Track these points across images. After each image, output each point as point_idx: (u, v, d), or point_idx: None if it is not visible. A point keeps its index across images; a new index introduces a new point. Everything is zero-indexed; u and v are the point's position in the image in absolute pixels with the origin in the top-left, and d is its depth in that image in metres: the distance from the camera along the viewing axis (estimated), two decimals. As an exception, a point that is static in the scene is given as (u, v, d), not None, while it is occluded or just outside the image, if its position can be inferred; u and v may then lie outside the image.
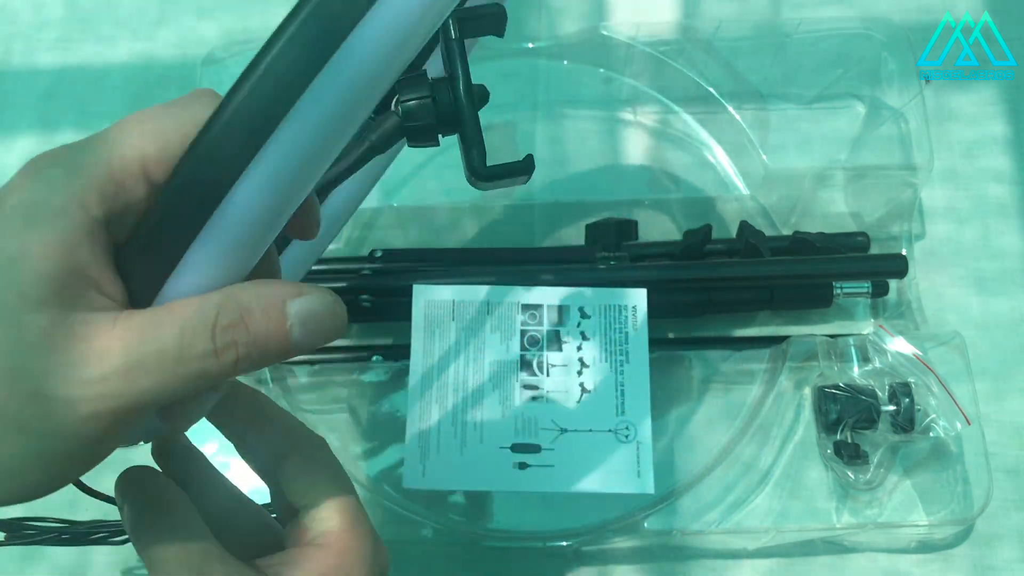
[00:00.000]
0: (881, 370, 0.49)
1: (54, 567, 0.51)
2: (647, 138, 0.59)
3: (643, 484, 0.45)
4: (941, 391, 0.48)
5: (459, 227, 0.57)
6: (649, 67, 0.58)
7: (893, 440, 0.48)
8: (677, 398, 0.52)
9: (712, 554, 0.50)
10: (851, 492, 0.49)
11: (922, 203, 0.57)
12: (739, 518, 0.48)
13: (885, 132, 0.55)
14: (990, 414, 0.52)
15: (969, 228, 0.56)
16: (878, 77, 0.56)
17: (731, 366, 0.53)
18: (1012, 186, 0.57)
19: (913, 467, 0.49)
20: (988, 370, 0.52)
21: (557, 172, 0.58)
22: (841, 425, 0.48)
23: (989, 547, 0.50)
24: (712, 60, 0.57)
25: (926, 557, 0.50)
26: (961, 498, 0.48)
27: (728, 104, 0.57)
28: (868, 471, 0.48)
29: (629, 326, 0.48)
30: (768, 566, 0.49)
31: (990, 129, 0.58)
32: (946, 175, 0.57)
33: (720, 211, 0.57)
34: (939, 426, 0.47)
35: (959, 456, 0.49)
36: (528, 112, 0.59)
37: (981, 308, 0.54)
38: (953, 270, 0.55)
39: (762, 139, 0.56)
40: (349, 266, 0.54)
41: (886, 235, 0.55)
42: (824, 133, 0.57)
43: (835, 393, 0.49)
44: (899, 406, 0.48)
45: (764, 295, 0.53)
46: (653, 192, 0.57)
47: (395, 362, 0.52)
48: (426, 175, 0.57)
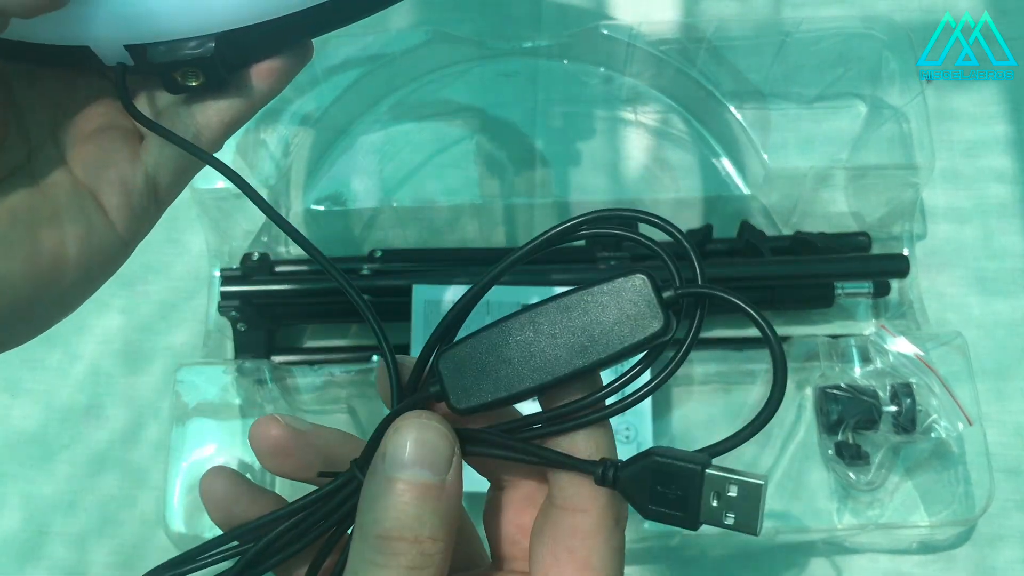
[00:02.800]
0: (882, 370, 0.49)
1: (53, 567, 0.51)
2: (647, 138, 0.59)
3: (644, 485, 0.45)
4: (943, 391, 0.48)
5: (459, 227, 0.57)
6: (649, 66, 0.58)
7: (894, 441, 0.48)
8: (677, 398, 0.52)
9: (713, 555, 0.50)
10: (852, 493, 0.49)
11: (923, 203, 0.56)
12: (740, 519, 0.48)
13: (886, 132, 0.55)
14: (992, 414, 0.51)
15: (970, 228, 0.56)
16: (879, 76, 0.56)
17: (732, 366, 0.53)
18: (1013, 186, 0.57)
19: (915, 468, 0.49)
20: (990, 370, 0.52)
21: (557, 172, 0.58)
22: (842, 426, 0.48)
23: (991, 548, 0.49)
24: (713, 59, 0.57)
25: (928, 558, 0.49)
26: (963, 499, 0.48)
27: (729, 103, 0.56)
28: (869, 472, 0.48)
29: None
30: (769, 567, 0.49)
31: (991, 129, 0.58)
32: (947, 175, 0.57)
33: (721, 211, 0.57)
34: (941, 427, 0.47)
35: (961, 457, 0.49)
36: (528, 112, 0.59)
37: (983, 308, 0.54)
38: (955, 270, 0.55)
39: (763, 139, 0.55)
40: (349, 266, 0.54)
41: (887, 235, 0.55)
42: (825, 133, 0.57)
43: (836, 394, 0.48)
44: (900, 407, 0.47)
45: (765, 295, 0.53)
46: (653, 192, 0.57)
47: (395, 362, 0.52)
48: (426, 175, 0.57)
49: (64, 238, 0.25)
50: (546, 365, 0.21)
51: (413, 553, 0.20)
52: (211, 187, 0.53)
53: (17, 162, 0.26)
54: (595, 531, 0.21)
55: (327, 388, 0.52)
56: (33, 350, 0.55)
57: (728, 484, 0.19)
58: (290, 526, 0.23)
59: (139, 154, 0.27)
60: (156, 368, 0.55)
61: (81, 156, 0.27)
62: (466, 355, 0.21)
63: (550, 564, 0.21)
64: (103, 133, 0.27)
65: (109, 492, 0.52)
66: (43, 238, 0.25)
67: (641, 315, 0.20)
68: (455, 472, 0.21)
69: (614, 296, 0.21)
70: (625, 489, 0.21)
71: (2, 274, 0.23)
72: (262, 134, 0.56)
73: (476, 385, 0.21)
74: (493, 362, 0.21)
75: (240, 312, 0.52)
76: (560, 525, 0.21)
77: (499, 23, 0.61)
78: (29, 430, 0.54)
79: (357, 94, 0.57)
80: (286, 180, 0.56)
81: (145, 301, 0.56)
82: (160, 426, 0.53)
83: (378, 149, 0.57)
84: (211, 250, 0.55)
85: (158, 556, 0.51)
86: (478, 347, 0.21)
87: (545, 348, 0.21)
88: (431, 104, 0.59)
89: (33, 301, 0.25)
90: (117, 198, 0.27)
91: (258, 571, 0.23)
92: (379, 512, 0.20)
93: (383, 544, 0.20)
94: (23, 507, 0.52)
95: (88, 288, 0.27)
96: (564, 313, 0.21)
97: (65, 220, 0.25)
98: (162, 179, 0.28)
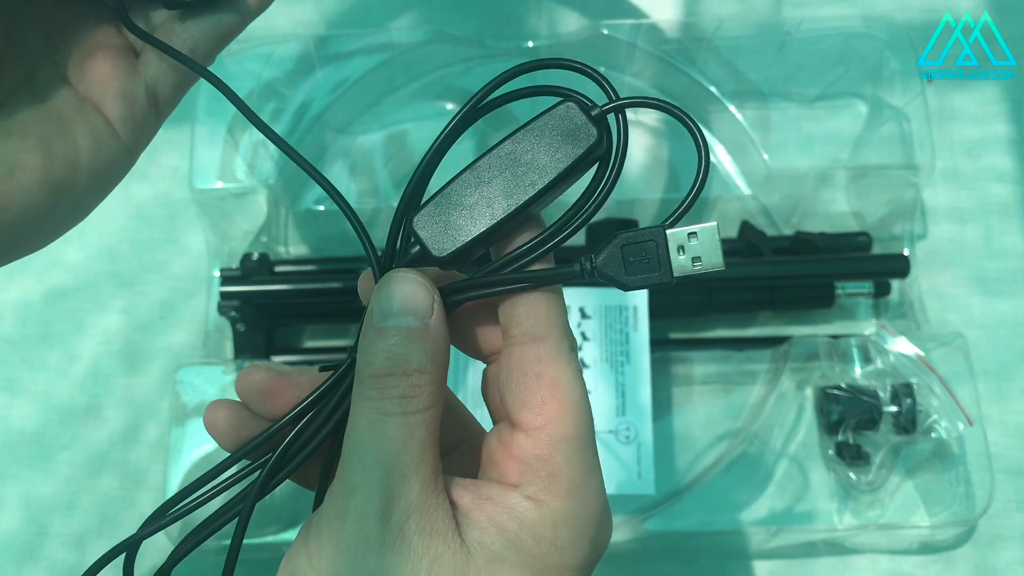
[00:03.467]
0: (883, 371, 0.49)
1: (52, 567, 0.51)
2: (647, 138, 0.59)
3: (644, 485, 0.45)
4: (943, 392, 0.48)
5: (459, 227, 0.56)
6: (650, 66, 0.58)
7: (895, 441, 0.48)
8: (678, 399, 0.52)
9: (713, 555, 0.50)
10: (853, 493, 0.49)
11: (924, 203, 0.56)
12: (740, 519, 0.48)
13: (887, 131, 0.55)
14: (992, 415, 0.51)
15: (971, 228, 0.56)
16: (880, 76, 0.56)
17: (732, 367, 0.53)
18: (1014, 186, 0.57)
19: (915, 468, 0.49)
20: (990, 371, 0.52)
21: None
22: (843, 426, 0.48)
23: (991, 548, 0.49)
24: (713, 59, 0.57)
25: (928, 558, 0.49)
26: (963, 499, 0.48)
27: (729, 103, 0.56)
28: (870, 472, 0.48)
29: (630, 326, 0.48)
30: (769, 567, 0.49)
31: (992, 129, 0.58)
32: (948, 175, 0.57)
33: (721, 211, 0.56)
34: (941, 427, 0.47)
35: (961, 457, 0.48)
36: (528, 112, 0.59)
37: (983, 308, 0.54)
38: (955, 270, 0.55)
39: (763, 138, 0.55)
40: (348, 266, 0.54)
41: (888, 235, 0.55)
42: (826, 132, 0.57)
43: (837, 394, 0.48)
44: (901, 407, 0.47)
45: (765, 295, 0.53)
46: (653, 192, 0.57)
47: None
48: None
49: (76, 148, 0.27)
50: (507, 199, 0.23)
51: (403, 385, 0.22)
52: (211, 187, 0.53)
53: (16, 81, 0.27)
54: (556, 355, 0.23)
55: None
56: (33, 350, 0.55)
57: (687, 235, 0.22)
58: (303, 427, 0.24)
59: (138, 69, 0.29)
60: (155, 368, 0.55)
61: (81, 73, 0.28)
62: (433, 213, 0.24)
63: (521, 393, 0.23)
64: (101, 51, 0.29)
65: (108, 492, 0.52)
66: (56, 149, 0.26)
67: (577, 135, 0.24)
68: (437, 317, 0.23)
69: (549, 127, 0.24)
70: (604, 272, 0.23)
71: (20, 183, 0.25)
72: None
73: (448, 234, 0.24)
74: (458, 212, 0.24)
75: (239, 312, 0.52)
76: (524, 358, 0.23)
77: (499, 23, 0.61)
78: (28, 430, 0.53)
79: (357, 94, 0.57)
80: (286, 180, 0.56)
81: (144, 301, 0.56)
82: (159, 426, 0.53)
83: (378, 149, 0.57)
84: (210, 250, 0.55)
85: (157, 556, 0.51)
86: (441, 204, 0.24)
87: (501, 187, 0.23)
88: (431, 104, 0.59)
89: (49, 209, 0.26)
90: (120, 110, 0.28)
91: (279, 479, 0.24)
92: (371, 356, 0.22)
93: (376, 381, 0.22)
94: (22, 507, 0.52)
95: (98, 196, 0.29)
96: (510, 154, 0.24)
97: (75, 132, 0.27)
98: (161, 92, 0.30)
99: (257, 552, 0.48)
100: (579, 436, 0.23)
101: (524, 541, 0.22)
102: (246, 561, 0.52)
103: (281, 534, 0.48)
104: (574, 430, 0.23)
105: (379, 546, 0.21)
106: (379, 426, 0.22)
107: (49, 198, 0.26)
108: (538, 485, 0.23)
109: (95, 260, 0.57)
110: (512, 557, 0.22)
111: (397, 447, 0.22)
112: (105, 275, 0.57)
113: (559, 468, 0.23)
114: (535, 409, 0.23)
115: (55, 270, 0.57)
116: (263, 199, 0.55)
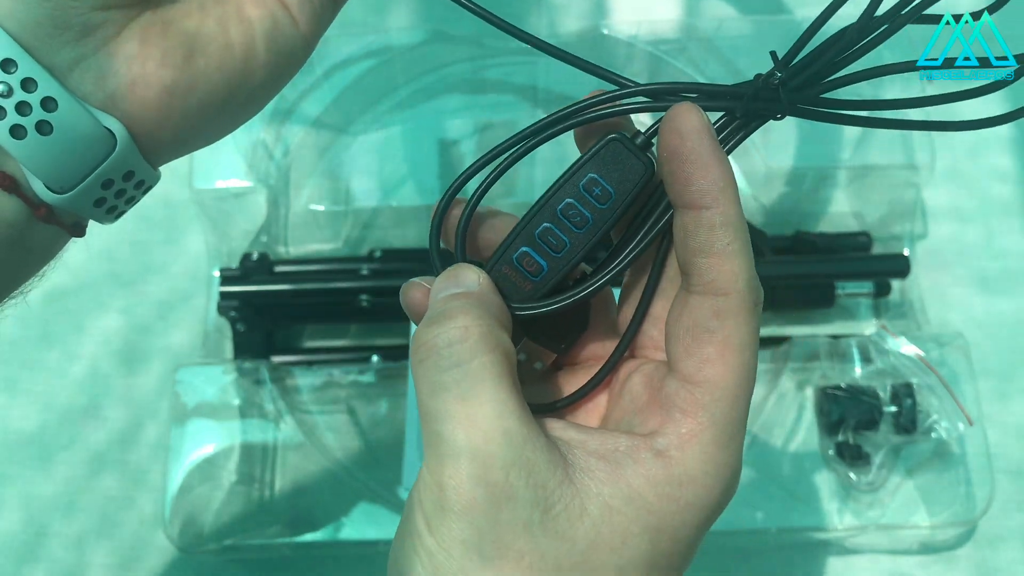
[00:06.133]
0: (883, 371, 0.49)
1: (52, 568, 0.51)
2: (648, 138, 0.59)
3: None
4: (943, 392, 0.48)
5: (459, 227, 0.56)
6: (650, 66, 0.58)
7: (895, 441, 0.48)
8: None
9: (713, 555, 0.49)
10: (853, 493, 0.49)
11: (924, 203, 0.56)
12: (741, 519, 0.48)
13: (887, 131, 0.55)
14: (993, 415, 0.51)
15: (972, 228, 0.56)
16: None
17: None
18: (1015, 185, 0.57)
19: (915, 468, 0.49)
20: (991, 371, 0.52)
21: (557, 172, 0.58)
22: (843, 426, 0.48)
23: (992, 548, 0.49)
24: (713, 59, 0.57)
25: (929, 559, 0.49)
26: (964, 499, 0.48)
27: (729, 103, 0.56)
28: (870, 472, 0.48)
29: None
30: (770, 567, 0.49)
31: (992, 128, 0.58)
32: (948, 174, 0.57)
33: (721, 211, 0.56)
34: (941, 427, 0.47)
35: (962, 457, 0.48)
36: (528, 112, 0.59)
37: (984, 308, 0.54)
38: (956, 270, 0.55)
39: (763, 138, 0.55)
40: (348, 266, 0.54)
41: (888, 235, 0.55)
42: (826, 132, 0.56)
43: (837, 394, 0.48)
44: (901, 407, 0.47)
45: (765, 295, 0.53)
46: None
47: (395, 362, 0.52)
48: (426, 175, 0.57)
49: (253, 36, 0.26)
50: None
51: (451, 332, 0.22)
52: (211, 187, 0.53)
53: None
54: (736, 312, 0.23)
55: (326, 388, 0.52)
56: (32, 350, 0.55)
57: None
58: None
59: None
60: (155, 368, 0.55)
61: None
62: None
63: (689, 345, 0.23)
64: None
65: (108, 493, 0.52)
66: (234, 36, 0.25)
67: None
68: (485, 283, 0.24)
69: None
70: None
71: (200, 68, 0.25)
72: (262, 134, 0.56)
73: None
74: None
75: (239, 312, 0.52)
76: (700, 309, 0.23)
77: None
78: (28, 431, 0.53)
79: (357, 94, 0.57)
80: (286, 180, 0.56)
81: (144, 301, 0.56)
82: (159, 427, 0.53)
83: (378, 149, 0.57)
84: (210, 250, 0.55)
85: (157, 557, 0.51)
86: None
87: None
88: (431, 104, 0.59)
89: (227, 99, 0.26)
90: None
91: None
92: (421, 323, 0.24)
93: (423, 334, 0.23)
94: (22, 508, 0.52)
95: (275, 86, 0.28)
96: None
97: (251, 16, 0.26)
98: None
99: (257, 552, 0.48)
100: (735, 400, 0.22)
101: (646, 497, 0.22)
102: (246, 561, 0.53)
103: (281, 536, 0.48)
104: (732, 394, 0.22)
105: (488, 506, 0.21)
106: (439, 390, 0.22)
107: (227, 86, 0.25)
108: (674, 440, 0.22)
109: (95, 260, 0.57)
110: (628, 511, 0.21)
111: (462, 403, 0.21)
112: (105, 275, 0.57)
113: (703, 429, 0.22)
114: (698, 364, 0.22)
115: (55, 270, 0.56)
116: (263, 199, 0.55)
